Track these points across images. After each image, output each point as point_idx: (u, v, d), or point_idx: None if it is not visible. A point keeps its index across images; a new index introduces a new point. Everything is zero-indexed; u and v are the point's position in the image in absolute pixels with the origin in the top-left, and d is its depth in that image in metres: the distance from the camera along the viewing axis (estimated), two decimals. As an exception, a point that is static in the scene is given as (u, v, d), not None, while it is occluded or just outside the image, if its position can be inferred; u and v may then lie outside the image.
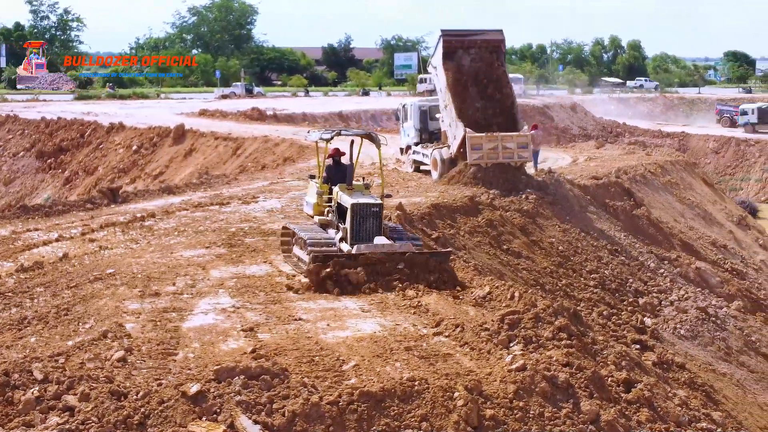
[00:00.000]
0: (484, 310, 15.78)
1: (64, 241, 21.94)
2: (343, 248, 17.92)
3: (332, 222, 18.90)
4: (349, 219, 17.94)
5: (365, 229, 18.02)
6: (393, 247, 17.86)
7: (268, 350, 13.09)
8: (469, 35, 34.22)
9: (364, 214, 18.02)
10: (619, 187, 35.83)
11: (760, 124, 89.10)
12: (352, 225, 17.94)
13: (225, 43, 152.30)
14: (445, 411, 11.95)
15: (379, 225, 18.22)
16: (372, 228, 18.08)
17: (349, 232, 17.96)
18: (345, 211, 18.25)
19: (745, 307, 29.80)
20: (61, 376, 11.60)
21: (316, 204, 19.47)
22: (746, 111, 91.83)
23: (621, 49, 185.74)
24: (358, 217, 17.96)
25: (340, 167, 20.09)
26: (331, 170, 19.99)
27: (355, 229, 17.96)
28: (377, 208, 18.21)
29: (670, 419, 14.29)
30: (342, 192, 18.63)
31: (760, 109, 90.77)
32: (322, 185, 19.46)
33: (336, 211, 18.85)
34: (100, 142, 59.86)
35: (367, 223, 18.05)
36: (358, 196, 18.33)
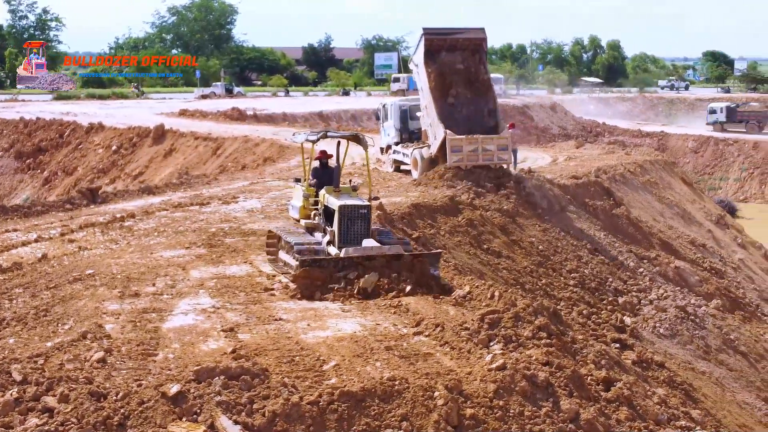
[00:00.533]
0: (464, 310, 15.80)
1: (43, 241, 21.85)
2: (331, 252, 17.58)
3: (319, 225, 18.53)
4: (337, 221, 17.59)
5: (353, 231, 17.66)
6: (381, 249, 17.41)
7: (248, 350, 13.07)
8: (451, 34, 34.11)
9: (352, 216, 17.65)
10: (598, 186, 35.93)
11: (728, 123, 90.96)
12: (339, 228, 17.59)
13: (205, 42, 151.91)
14: (426, 410, 11.97)
15: (367, 227, 17.87)
16: (360, 230, 17.72)
17: (337, 235, 17.62)
18: (332, 214, 17.88)
19: (723, 305, 29.96)
20: (40, 377, 11.56)
21: (302, 207, 19.13)
22: (715, 110, 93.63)
23: (600, 49, 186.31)
24: (345, 220, 17.59)
25: (327, 170, 19.77)
26: (317, 173, 19.68)
27: (343, 231, 17.60)
28: (365, 210, 17.85)
29: (649, 418, 14.37)
30: (329, 194, 18.26)
31: (729, 108, 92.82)
32: (309, 188, 19.12)
33: (323, 214, 18.48)
34: (79, 142, 59.64)
35: (355, 226, 17.69)
36: (345, 198, 17.99)
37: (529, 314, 15.04)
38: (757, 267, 39.89)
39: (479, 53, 34.31)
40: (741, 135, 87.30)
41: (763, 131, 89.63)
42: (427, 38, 33.43)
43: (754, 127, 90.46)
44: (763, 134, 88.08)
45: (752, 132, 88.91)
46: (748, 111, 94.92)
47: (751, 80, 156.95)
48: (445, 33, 34.14)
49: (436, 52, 33.74)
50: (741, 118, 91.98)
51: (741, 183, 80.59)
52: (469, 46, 34.16)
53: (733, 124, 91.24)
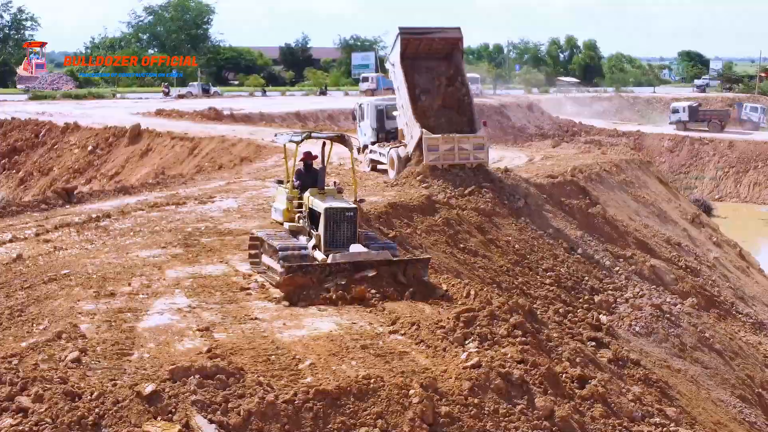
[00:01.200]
0: (439, 308, 15.86)
1: (18, 242, 21.73)
2: (317, 256, 17.12)
3: (304, 228, 18.08)
4: (323, 225, 17.16)
5: (340, 235, 17.24)
6: (370, 255, 17.00)
7: (223, 350, 13.09)
8: (428, 33, 34.08)
9: (338, 219, 17.23)
10: (574, 185, 36.06)
11: (690, 122, 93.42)
12: (325, 231, 17.16)
13: (181, 42, 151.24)
14: (401, 408, 12.01)
15: (354, 231, 17.42)
16: (347, 234, 17.31)
17: (323, 238, 17.20)
18: (317, 217, 17.48)
19: (699, 304, 30.13)
20: (14, 377, 11.52)
21: (285, 210, 18.73)
22: (677, 109, 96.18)
23: (577, 49, 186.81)
24: (331, 223, 17.17)
25: (311, 171, 19.42)
26: (301, 175, 19.33)
27: (329, 235, 17.18)
28: (352, 212, 17.42)
29: (624, 415, 14.47)
30: (314, 197, 17.87)
31: (691, 107, 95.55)
32: (292, 190, 18.74)
33: (308, 217, 18.00)
34: (55, 142, 59.30)
35: (342, 229, 17.27)
36: (331, 201, 17.61)
37: (504, 312, 15.12)
38: (731, 265, 40.15)
39: (456, 52, 34.34)
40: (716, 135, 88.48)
41: (725, 130, 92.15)
42: (404, 38, 33.45)
43: (716, 125, 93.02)
44: (725, 133, 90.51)
45: (714, 130, 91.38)
46: (709, 110, 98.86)
47: (726, 80, 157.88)
48: (421, 32, 34.08)
49: (414, 51, 33.76)
50: (703, 117, 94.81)
51: (716, 182, 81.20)
52: (446, 45, 34.22)
53: (695, 123, 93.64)
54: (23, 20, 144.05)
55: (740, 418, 22.70)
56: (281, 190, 19.43)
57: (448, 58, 34.54)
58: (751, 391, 25.72)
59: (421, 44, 33.89)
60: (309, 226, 17.90)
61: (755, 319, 32.63)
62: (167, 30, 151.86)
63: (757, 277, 42.27)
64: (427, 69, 34.18)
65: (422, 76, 34.06)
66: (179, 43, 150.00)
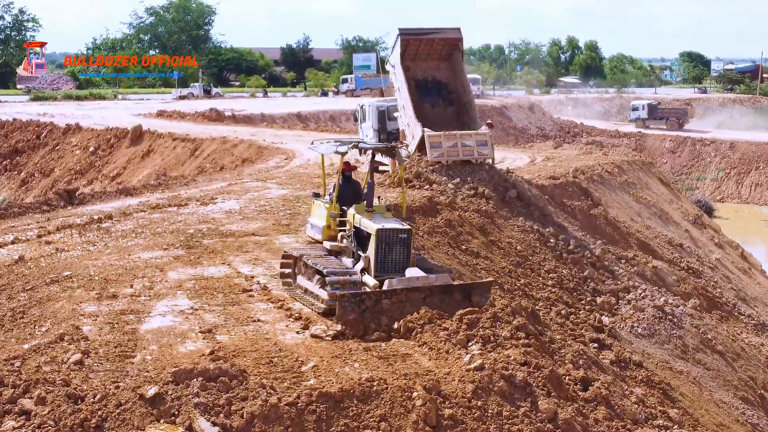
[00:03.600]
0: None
1: (20, 243, 21.71)
2: (367, 281, 15.58)
3: (347, 249, 16.41)
4: (374, 247, 15.51)
5: (392, 259, 15.64)
6: (429, 279, 15.47)
7: (226, 352, 13.08)
8: (427, 34, 34.08)
9: (391, 241, 15.61)
10: (576, 187, 36.02)
11: (650, 120, 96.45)
12: (377, 254, 15.53)
13: (182, 43, 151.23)
14: (404, 411, 11.99)
15: (408, 254, 15.82)
16: (400, 258, 15.71)
17: (374, 262, 15.57)
18: (365, 238, 15.91)
19: (701, 305, 30.09)
20: (17, 379, 11.51)
21: (326, 227, 16.88)
22: (637, 107, 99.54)
23: (578, 50, 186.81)
24: (384, 245, 15.56)
25: (351, 184, 17.95)
26: (341, 188, 17.34)
27: (381, 259, 15.57)
28: (406, 234, 15.80)
29: (627, 417, 14.43)
30: (360, 214, 16.24)
31: (650, 105, 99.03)
32: (334, 206, 16.92)
33: (354, 237, 16.32)
34: (56, 143, 59.33)
35: (395, 252, 15.66)
36: (381, 220, 15.99)
37: (507, 314, 15.06)
38: (733, 266, 40.12)
39: (456, 53, 34.35)
40: (656, 131, 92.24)
41: (683, 128, 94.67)
42: (403, 39, 33.48)
43: (674, 123, 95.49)
44: (683, 131, 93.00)
45: (672, 128, 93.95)
46: (668, 108, 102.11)
47: (727, 81, 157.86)
48: (421, 33, 34.09)
49: (414, 52, 33.80)
50: (662, 115, 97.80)
51: (718, 183, 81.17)
52: (446, 45, 34.24)
53: (654, 120, 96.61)
54: (24, 21, 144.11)
55: (743, 419, 22.67)
56: (318, 204, 17.57)
57: (448, 59, 34.56)
58: (754, 393, 25.69)
59: (421, 45, 33.91)
60: (355, 247, 16.23)
61: (757, 320, 32.59)
62: (168, 31, 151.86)
63: (759, 278, 42.23)
64: (427, 70, 34.16)
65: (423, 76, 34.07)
66: (180, 44, 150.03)
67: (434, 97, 34.33)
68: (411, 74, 33.52)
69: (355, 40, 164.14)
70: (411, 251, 15.96)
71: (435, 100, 34.29)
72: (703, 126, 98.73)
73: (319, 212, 17.44)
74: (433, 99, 34.26)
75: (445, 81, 34.44)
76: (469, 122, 33.17)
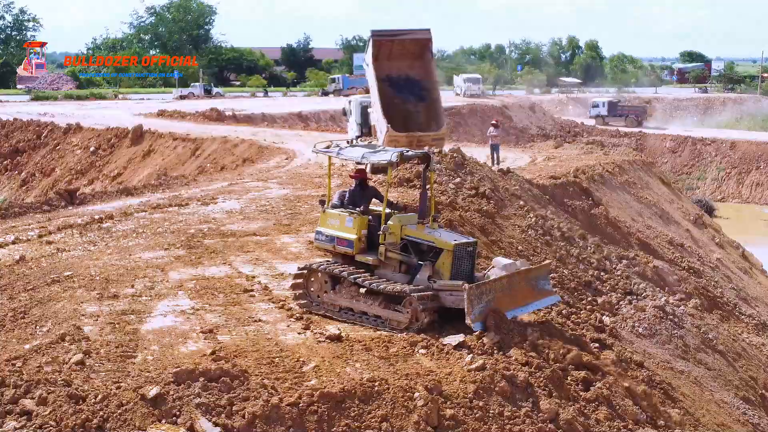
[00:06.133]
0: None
1: (21, 243, 21.70)
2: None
3: (391, 262, 15.98)
4: (448, 263, 15.44)
5: (461, 271, 15.69)
6: (516, 265, 16.16)
7: (227, 352, 13.07)
8: (399, 35, 35.56)
9: (462, 255, 15.73)
10: (577, 186, 36.02)
11: (609, 117, 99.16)
12: (452, 266, 15.46)
13: (183, 43, 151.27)
14: (406, 411, 11.99)
15: (473, 265, 16.10)
16: (468, 266, 15.87)
17: (449, 274, 15.43)
18: (425, 251, 15.77)
19: (702, 305, 30.06)
20: (18, 380, 11.51)
21: (357, 239, 16.07)
22: (597, 104, 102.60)
23: (579, 50, 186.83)
24: (457, 259, 15.58)
25: (367, 192, 17.38)
26: (356, 196, 17.06)
27: (455, 270, 15.52)
28: (472, 247, 16.11)
29: (628, 417, 14.41)
30: (410, 225, 15.96)
31: (610, 103, 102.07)
32: (362, 217, 16.18)
33: (408, 249, 15.89)
34: (57, 143, 59.31)
35: (464, 265, 15.77)
36: (445, 234, 16.17)
37: (508, 315, 15.05)
38: (734, 266, 40.11)
39: (425, 53, 35.79)
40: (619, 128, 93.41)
41: (642, 126, 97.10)
42: (375, 39, 35.00)
43: (633, 121, 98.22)
44: (644, 128, 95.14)
45: (631, 126, 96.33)
46: (627, 106, 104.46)
47: (728, 80, 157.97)
48: (392, 34, 35.62)
49: (388, 52, 35.28)
50: (621, 113, 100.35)
51: (718, 183, 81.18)
52: (416, 46, 35.62)
53: (613, 118, 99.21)
54: (25, 21, 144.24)
55: (744, 419, 22.62)
56: (341, 214, 16.47)
57: (421, 58, 35.84)
58: (755, 393, 25.66)
59: (394, 45, 35.30)
60: (413, 257, 15.84)
61: (758, 320, 32.56)
62: (169, 30, 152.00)
63: (760, 278, 42.22)
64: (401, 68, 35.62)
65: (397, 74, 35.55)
66: (181, 43, 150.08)
67: (406, 94, 35.57)
68: (386, 72, 34.97)
69: (355, 39, 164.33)
70: (475, 264, 16.22)
71: (407, 96, 35.53)
72: (657, 123, 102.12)
73: (342, 222, 16.34)
74: (405, 95, 35.52)
75: (418, 78, 35.74)
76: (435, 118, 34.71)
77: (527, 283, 15.98)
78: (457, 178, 30.16)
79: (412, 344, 14.14)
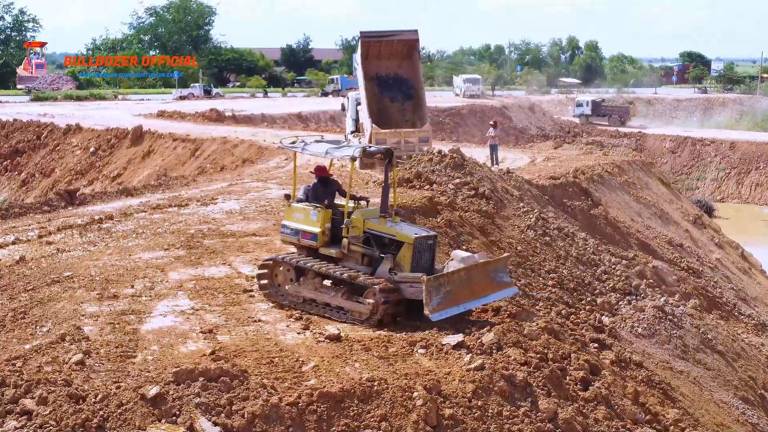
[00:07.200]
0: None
1: (21, 244, 21.71)
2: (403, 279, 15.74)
3: (353, 254, 16.36)
4: (410, 253, 15.82)
5: (423, 261, 16.12)
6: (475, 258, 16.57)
7: (227, 352, 13.10)
8: (387, 36, 37.16)
9: (423, 248, 16.12)
10: (576, 187, 36.06)
11: (593, 116, 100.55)
12: (412, 259, 15.86)
13: (183, 43, 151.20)
14: (405, 411, 12.01)
15: (433, 258, 16.48)
16: (428, 259, 16.28)
17: (410, 267, 15.84)
18: (387, 244, 16.12)
19: (701, 305, 30.08)
20: (18, 379, 11.53)
21: (321, 233, 16.54)
22: (581, 103, 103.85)
23: (579, 50, 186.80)
24: (417, 252, 15.96)
25: (329, 187, 17.60)
26: (318, 191, 17.41)
27: (415, 263, 15.92)
28: (432, 240, 16.49)
29: (627, 417, 14.44)
30: (372, 219, 16.36)
31: (594, 102, 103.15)
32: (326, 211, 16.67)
33: (369, 242, 16.25)
34: (56, 143, 59.28)
35: (424, 258, 16.16)
36: (406, 228, 16.48)
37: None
38: (734, 266, 40.14)
39: (413, 53, 37.31)
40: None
41: (625, 125, 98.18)
42: (364, 41, 36.81)
43: (615, 120, 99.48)
44: (626, 127, 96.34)
45: (614, 125, 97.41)
46: (611, 105, 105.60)
47: (727, 81, 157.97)
48: (381, 35, 37.30)
49: (377, 53, 36.89)
50: (604, 112, 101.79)
51: (718, 183, 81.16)
52: (404, 47, 37.08)
53: (597, 117, 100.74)
54: (25, 22, 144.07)
55: (743, 419, 22.65)
56: (304, 208, 17.00)
57: (409, 58, 37.38)
58: (754, 393, 25.69)
59: (382, 46, 36.88)
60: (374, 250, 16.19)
61: (757, 320, 32.59)
62: (168, 31, 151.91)
63: (759, 279, 42.25)
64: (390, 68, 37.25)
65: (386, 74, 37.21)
66: (180, 44, 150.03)
67: (394, 92, 37.27)
68: (375, 71, 36.79)
69: (354, 40, 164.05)
70: (435, 257, 16.57)
71: (394, 94, 37.24)
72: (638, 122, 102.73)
73: (306, 216, 16.87)
74: (393, 94, 37.23)
75: (406, 77, 37.35)
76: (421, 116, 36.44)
77: (486, 275, 16.36)
78: (457, 178, 30.17)
79: (411, 344, 14.20)
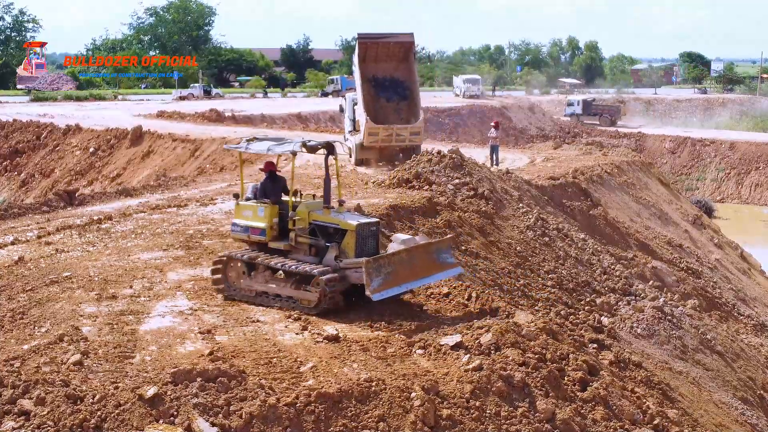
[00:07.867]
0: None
1: (20, 244, 21.73)
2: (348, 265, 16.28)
3: (301, 246, 16.81)
4: (353, 242, 16.33)
5: (366, 250, 16.55)
6: (416, 240, 17.47)
7: (225, 352, 13.10)
8: (383, 38, 38.64)
9: (366, 234, 16.62)
10: (576, 187, 36.05)
11: (584, 115, 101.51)
12: (356, 246, 16.35)
13: (183, 44, 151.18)
14: (402, 411, 12.02)
15: (377, 244, 16.96)
16: (372, 248, 16.73)
17: (354, 253, 16.34)
18: (332, 233, 16.65)
19: (700, 305, 30.07)
20: (16, 380, 11.53)
21: (269, 228, 17.01)
22: (572, 102, 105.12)
23: (578, 50, 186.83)
24: (360, 239, 16.45)
25: (277, 182, 18.07)
26: (267, 187, 17.86)
27: (359, 249, 16.40)
28: (375, 227, 17.03)
29: (625, 417, 14.44)
30: (316, 211, 16.85)
31: (585, 102, 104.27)
32: (273, 207, 17.14)
33: (315, 233, 16.76)
34: (56, 144, 59.29)
35: (368, 244, 16.66)
36: (349, 216, 17.02)
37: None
38: (733, 267, 40.13)
39: (408, 55, 38.50)
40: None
41: (616, 124, 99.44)
42: (361, 42, 38.34)
43: (606, 120, 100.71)
44: (617, 127, 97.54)
45: (605, 125, 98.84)
46: (602, 105, 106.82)
47: (727, 81, 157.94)
48: (377, 37, 38.78)
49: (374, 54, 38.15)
50: (595, 112, 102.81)
51: (718, 183, 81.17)
52: (400, 49, 38.34)
53: (588, 116, 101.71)
54: (24, 22, 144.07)
55: (742, 420, 22.66)
56: (251, 206, 17.46)
57: (405, 60, 38.62)
58: (753, 393, 25.69)
59: (379, 48, 38.20)
60: (320, 240, 16.69)
61: (757, 320, 32.58)
62: (168, 31, 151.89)
63: (759, 279, 42.24)
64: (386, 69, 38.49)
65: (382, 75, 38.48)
66: (180, 44, 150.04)
67: (390, 93, 38.43)
68: (372, 73, 38.14)
69: (354, 40, 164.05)
70: (379, 242, 17.17)
71: (390, 95, 38.40)
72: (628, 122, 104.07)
73: (247, 213, 17.44)
74: (389, 94, 38.38)
75: (402, 79, 38.63)
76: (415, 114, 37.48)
77: (428, 256, 16.85)
78: (456, 179, 30.17)
79: (409, 344, 14.21)
